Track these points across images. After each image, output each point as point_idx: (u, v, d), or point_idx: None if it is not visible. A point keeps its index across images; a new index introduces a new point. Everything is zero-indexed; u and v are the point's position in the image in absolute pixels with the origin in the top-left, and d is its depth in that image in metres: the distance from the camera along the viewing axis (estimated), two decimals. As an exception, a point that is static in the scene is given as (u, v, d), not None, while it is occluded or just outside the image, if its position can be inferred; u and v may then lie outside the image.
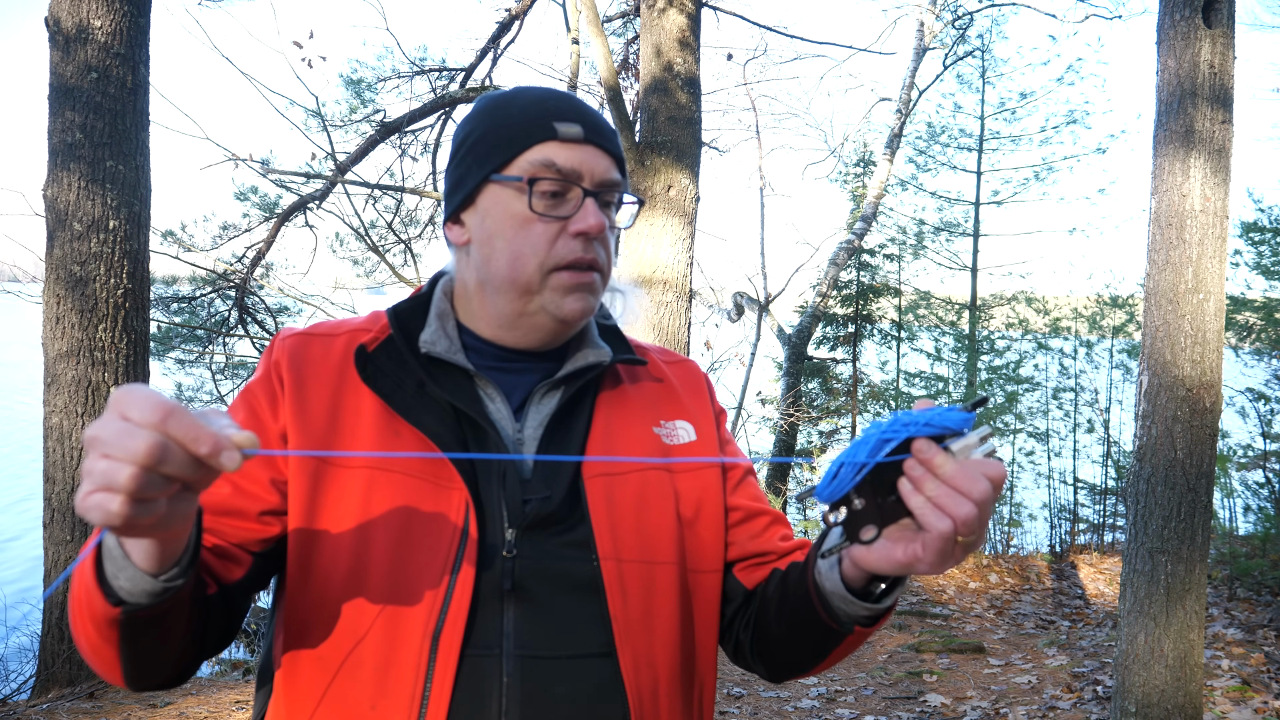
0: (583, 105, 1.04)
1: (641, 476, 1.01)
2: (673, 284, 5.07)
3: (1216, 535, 7.89)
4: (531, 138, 0.99)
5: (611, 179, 1.00)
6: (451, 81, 9.10)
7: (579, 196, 0.98)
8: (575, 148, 0.98)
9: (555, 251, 0.97)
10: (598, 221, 0.97)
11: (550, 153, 0.98)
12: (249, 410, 0.98)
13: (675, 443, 1.07)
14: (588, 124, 1.00)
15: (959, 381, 12.06)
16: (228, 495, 0.94)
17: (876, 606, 0.88)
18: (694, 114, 5.23)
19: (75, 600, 0.80)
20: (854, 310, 13.94)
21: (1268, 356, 8.57)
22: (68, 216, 4.41)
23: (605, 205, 1.01)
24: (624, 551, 0.96)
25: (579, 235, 0.97)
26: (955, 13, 13.23)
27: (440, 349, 1.00)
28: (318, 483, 0.94)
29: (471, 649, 0.89)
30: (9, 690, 4.89)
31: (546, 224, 0.97)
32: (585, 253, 0.97)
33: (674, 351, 1.21)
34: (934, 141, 14.41)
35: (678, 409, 1.10)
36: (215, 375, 8.47)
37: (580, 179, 0.98)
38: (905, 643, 6.50)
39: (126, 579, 0.74)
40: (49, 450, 4.48)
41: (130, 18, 4.51)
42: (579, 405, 1.03)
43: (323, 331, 1.04)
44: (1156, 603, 3.30)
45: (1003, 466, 0.77)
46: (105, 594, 0.75)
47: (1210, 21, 3.29)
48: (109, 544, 0.74)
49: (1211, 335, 3.29)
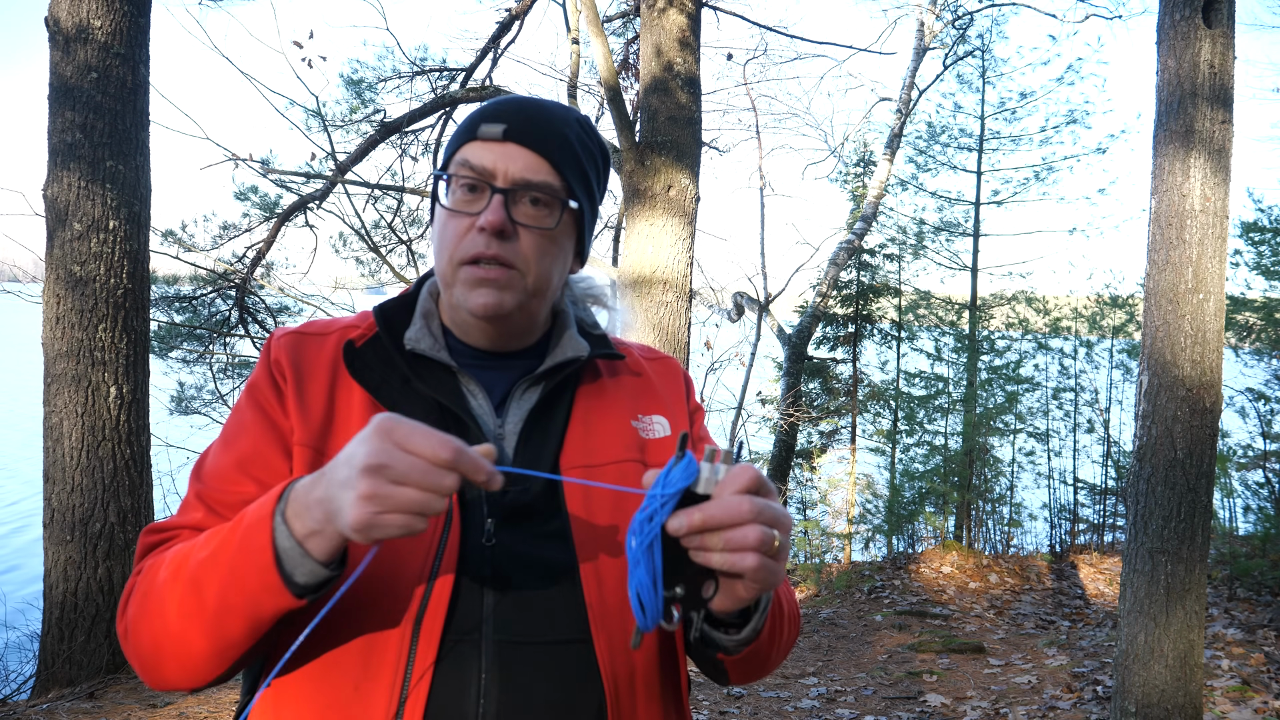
0: (523, 106, 1.04)
1: (619, 469, 1.04)
2: (673, 284, 5.07)
3: (1216, 535, 7.89)
4: (460, 139, 1.04)
5: (530, 179, 1.00)
6: (452, 81, 9.10)
7: (489, 193, 1.00)
8: (493, 146, 1.01)
9: (462, 246, 1.00)
10: (493, 217, 0.97)
11: (469, 152, 1.01)
12: (257, 408, 1.01)
13: (651, 436, 1.10)
14: (516, 124, 1.01)
15: (959, 381, 12.06)
16: (255, 491, 0.97)
17: (751, 628, 0.94)
18: (694, 114, 5.23)
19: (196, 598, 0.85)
20: (854, 310, 13.94)
21: (1268, 356, 8.56)
22: (68, 216, 4.41)
23: (535, 204, 1.01)
24: (600, 541, 0.98)
25: (481, 230, 0.99)
26: (955, 13, 13.23)
27: (424, 346, 1.03)
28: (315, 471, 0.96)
29: (452, 633, 0.91)
30: (9, 690, 4.89)
31: (458, 220, 1.01)
32: (486, 248, 0.98)
33: (655, 349, 1.23)
34: (934, 141, 14.40)
35: (655, 404, 1.13)
36: (216, 375, 8.47)
37: (492, 176, 1.00)
38: (905, 643, 6.50)
39: (306, 573, 0.82)
40: (49, 450, 4.48)
41: (130, 18, 4.51)
42: (559, 399, 1.06)
43: (315, 330, 1.08)
44: (1156, 603, 3.30)
45: (749, 469, 0.81)
46: (289, 586, 0.82)
47: (1210, 21, 3.29)
48: (287, 546, 0.82)
49: (1211, 335, 3.28)
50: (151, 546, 0.97)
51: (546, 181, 1.01)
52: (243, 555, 0.83)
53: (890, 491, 10.87)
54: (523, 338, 1.08)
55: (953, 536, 10.40)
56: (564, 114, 1.07)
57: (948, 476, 10.48)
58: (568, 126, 1.05)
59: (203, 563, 0.86)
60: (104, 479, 4.46)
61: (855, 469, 13.23)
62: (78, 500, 4.43)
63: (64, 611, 4.41)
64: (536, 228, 1.01)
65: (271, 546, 0.81)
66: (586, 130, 1.09)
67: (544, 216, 1.02)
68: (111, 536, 4.46)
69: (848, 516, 12.29)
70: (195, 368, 8.62)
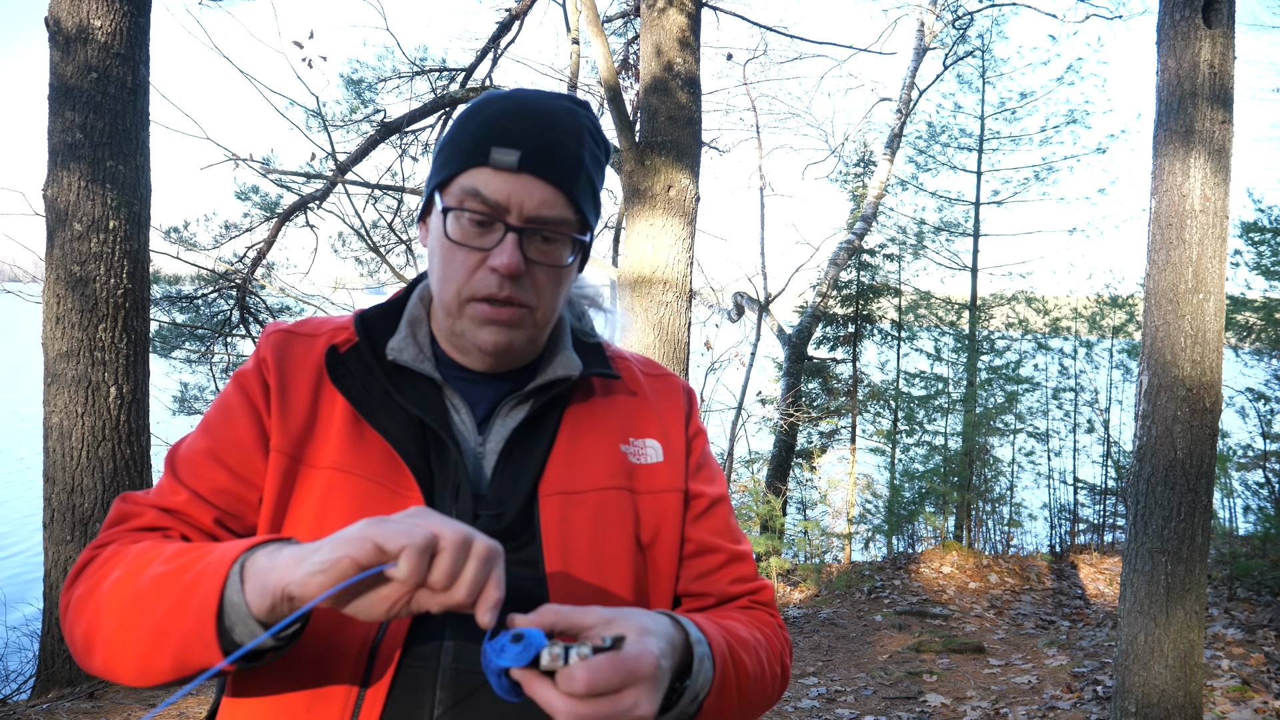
0: (538, 127, 0.95)
1: (601, 497, 0.99)
2: (673, 284, 5.07)
3: (1216, 535, 7.89)
4: (467, 161, 0.95)
5: (546, 215, 0.94)
6: (452, 81, 9.10)
7: (503, 230, 0.93)
8: (507, 177, 0.93)
9: (472, 283, 0.94)
10: (510, 261, 0.91)
11: (480, 181, 0.93)
12: (243, 397, 0.99)
13: (642, 461, 1.04)
14: (530, 150, 0.93)
15: (959, 381, 12.06)
16: (227, 480, 0.95)
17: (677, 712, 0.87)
18: (694, 114, 5.23)
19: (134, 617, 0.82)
20: (854, 310, 13.94)
21: (1268, 356, 8.57)
22: (68, 216, 4.41)
23: (548, 240, 0.95)
24: (574, 571, 0.94)
25: (494, 270, 0.93)
26: (955, 13, 13.23)
27: (407, 357, 0.98)
28: (288, 480, 0.95)
29: (410, 660, 0.88)
30: (9, 690, 4.89)
31: (467, 253, 0.94)
32: (500, 289, 0.93)
33: (660, 365, 1.16)
34: (934, 141, 14.40)
35: (649, 426, 1.07)
36: (217, 375, 8.48)
37: (505, 212, 0.93)
38: (905, 643, 6.50)
39: (245, 633, 0.77)
40: (49, 450, 4.48)
41: (130, 18, 4.51)
42: (545, 419, 1.01)
43: (306, 331, 1.04)
44: (1156, 603, 3.30)
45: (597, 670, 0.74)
46: (221, 640, 0.77)
47: (1210, 21, 3.29)
48: (235, 600, 0.77)
49: (1211, 335, 3.28)
50: (124, 516, 0.95)
51: (563, 217, 0.95)
52: (189, 594, 0.78)
53: (890, 491, 10.88)
54: (520, 361, 1.04)
55: (953, 536, 10.40)
56: (576, 129, 0.98)
57: (948, 476, 10.48)
58: (582, 146, 0.98)
59: (151, 582, 0.82)
60: (104, 479, 4.46)
61: (855, 469, 13.24)
62: (78, 500, 4.43)
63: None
64: (550, 265, 0.96)
65: (219, 595, 0.77)
66: (595, 138, 1.01)
67: (557, 254, 0.96)
68: (112, 536, 4.46)
69: (848, 516, 12.29)
70: (197, 367, 8.63)
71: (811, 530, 11.12)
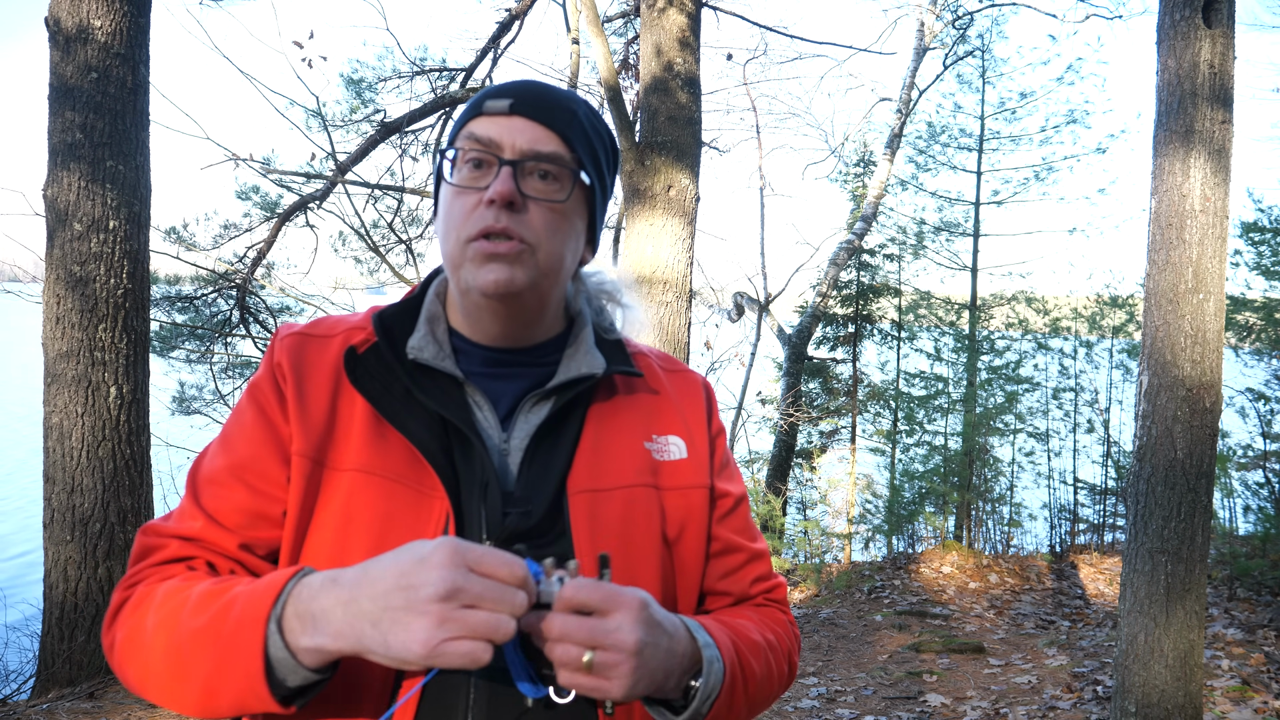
0: (531, 85, 1.00)
1: (628, 494, 0.99)
2: (673, 284, 5.07)
3: (1216, 535, 7.89)
4: (465, 117, 1.00)
5: (539, 150, 0.96)
6: (452, 81, 9.09)
7: (497, 166, 0.96)
8: (499, 119, 0.97)
9: (469, 222, 0.95)
10: (503, 187, 0.93)
11: (474, 127, 0.97)
12: (258, 410, 0.98)
13: (666, 458, 1.04)
14: (521, 98, 0.97)
15: (959, 381, 12.06)
16: (247, 499, 0.95)
17: (691, 711, 0.90)
18: (694, 114, 5.23)
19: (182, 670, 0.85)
20: (854, 310, 13.94)
21: (1268, 356, 8.56)
22: (68, 216, 4.41)
23: (545, 177, 0.97)
24: None
25: (490, 203, 0.94)
26: (955, 13, 13.24)
27: (428, 355, 0.98)
28: (312, 483, 0.94)
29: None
30: (9, 690, 4.89)
31: (466, 195, 0.96)
32: (495, 221, 0.93)
33: (678, 360, 1.16)
34: (934, 141, 14.40)
35: (672, 424, 1.08)
36: (217, 375, 8.48)
37: (499, 149, 0.96)
38: (905, 643, 6.50)
39: (299, 679, 0.81)
40: (49, 450, 4.48)
41: (130, 18, 4.51)
42: (569, 416, 1.01)
43: (320, 332, 1.03)
44: (1156, 603, 3.30)
45: (583, 587, 0.80)
46: (274, 691, 0.81)
47: (1210, 21, 3.29)
48: (281, 656, 0.80)
49: (1211, 335, 3.28)
50: (148, 550, 0.95)
51: (556, 152, 0.97)
52: (232, 654, 0.81)
53: (890, 491, 10.88)
54: (534, 328, 1.03)
55: (953, 536, 10.40)
56: (570, 94, 1.03)
57: (948, 476, 10.48)
58: (575, 104, 1.02)
59: (192, 637, 0.83)
60: (104, 479, 4.46)
61: (855, 469, 13.24)
62: (78, 500, 4.43)
63: (64, 611, 4.41)
64: (547, 201, 0.97)
65: (263, 654, 0.79)
66: (593, 114, 1.05)
67: (554, 190, 0.97)
68: (111, 536, 4.46)
69: (848, 516, 12.29)
70: (196, 368, 8.63)
71: (811, 530, 11.12)
